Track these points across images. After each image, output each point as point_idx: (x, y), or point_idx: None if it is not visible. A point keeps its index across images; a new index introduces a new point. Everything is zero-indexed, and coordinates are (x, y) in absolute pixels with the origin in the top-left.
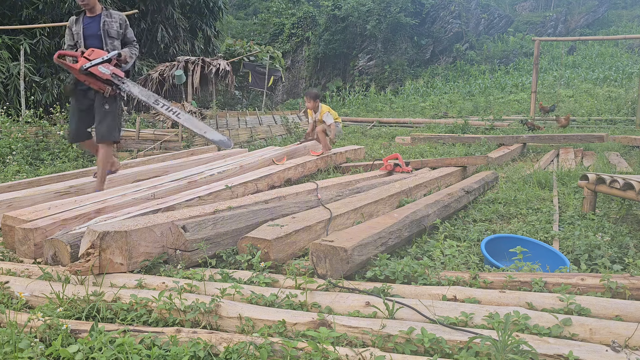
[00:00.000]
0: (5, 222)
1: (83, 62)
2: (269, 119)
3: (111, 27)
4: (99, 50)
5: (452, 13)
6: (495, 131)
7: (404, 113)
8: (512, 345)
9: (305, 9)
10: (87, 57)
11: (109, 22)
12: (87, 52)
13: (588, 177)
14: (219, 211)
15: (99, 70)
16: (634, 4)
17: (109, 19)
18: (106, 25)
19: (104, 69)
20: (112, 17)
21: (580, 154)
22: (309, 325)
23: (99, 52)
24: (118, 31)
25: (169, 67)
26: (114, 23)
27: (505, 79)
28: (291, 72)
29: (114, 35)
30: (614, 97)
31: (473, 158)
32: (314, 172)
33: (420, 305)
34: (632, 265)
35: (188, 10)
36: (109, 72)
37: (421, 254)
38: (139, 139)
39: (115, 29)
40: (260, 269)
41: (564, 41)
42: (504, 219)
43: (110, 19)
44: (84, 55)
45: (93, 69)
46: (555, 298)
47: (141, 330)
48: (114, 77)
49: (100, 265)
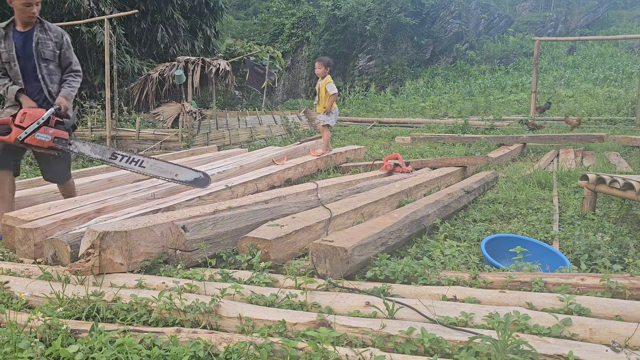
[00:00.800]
0: (5, 222)
1: (17, 132)
2: (269, 119)
3: (45, 47)
4: (32, 111)
5: (452, 13)
6: (495, 131)
7: (404, 113)
8: (512, 345)
9: (305, 9)
10: (20, 125)
11: (43, 39)
12: (18, 117)
13: (588, 177)
14: (219, 211)
15: (38, 139)
16: (634, 4)
17: (43, 35)
18: (40, 44)
19: (42, 136)
20: (47, 34)
21: (580, 154)
22: (309, 325)
23: (32, 112)
24: (54, 52)
25: (169, 67)
26: (49, 42)
27: (505, 79)
28: (291, 72)
29: (49, 57)
30: (614, 97)
31: (473, 158)
32: (314, 172)
33: (420, 305)
34: (632, 265)
35: (188, 10)
36: (50, 137)
37: (421, 254)
38: (139, 139)
39: (50, 48)
40: (260, 269)
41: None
42: (504, 219)
43: (44, 36)
44: (15, 122)
45: (30, 140)
46: (555, 298)
47: (141, 330)
48: (57, 141)
49: (100, 265)
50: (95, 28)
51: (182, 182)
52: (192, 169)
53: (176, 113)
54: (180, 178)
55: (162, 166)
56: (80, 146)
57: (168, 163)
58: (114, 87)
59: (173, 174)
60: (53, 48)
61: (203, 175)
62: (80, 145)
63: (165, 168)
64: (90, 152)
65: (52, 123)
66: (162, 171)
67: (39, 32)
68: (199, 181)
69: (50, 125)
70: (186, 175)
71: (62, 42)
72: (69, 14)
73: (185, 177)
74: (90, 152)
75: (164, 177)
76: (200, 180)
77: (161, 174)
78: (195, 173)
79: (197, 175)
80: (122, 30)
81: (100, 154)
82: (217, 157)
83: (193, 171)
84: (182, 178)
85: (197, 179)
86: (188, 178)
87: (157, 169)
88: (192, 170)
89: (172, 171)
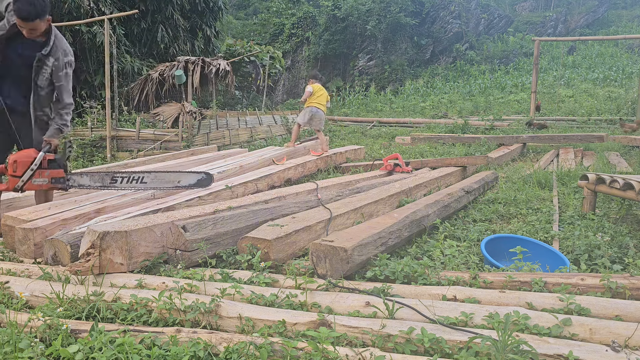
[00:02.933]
0: (5, 222)
1: (13, 182)
2: (269, 119)
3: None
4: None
5: (452, 13)
6: (495, 131)
7: (404, 113)
8: (512, 345)
9: (305, 9)
10: (14, 174)
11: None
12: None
13: (588, 177)
14: (219, 211)
15: (36, 184)
16: (634, 4)
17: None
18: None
19: (39, 180)
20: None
21: (580, 154)
22: (309, 325)
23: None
24: (49, 79)
25: (169, 67)
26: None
27: (505, 79)
28: (291, 72)
29: (42, 85)
30: (614, 97)
31: (473, 158)
32: (314, 172)
33: (420, 305)
34: (632, 265)
35: (188, 10)
36: (47, 180)
37: (421, 254)
38: (139, 139)
39: (46, 76)
40: (260, 269)
41: (564, 41)
42: (504, 219)
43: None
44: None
45: (28, 187)
46: (555, 298)
47: (141, 330)
48: (55, 181)
49: (100, 265)
50: (95, 28)
51: (186, 187)
52: (193, 171)
53: (176, 113)
54: (184, 184)
55: (163, 177)
56: (78, 179)
57: (169, 172)
58: (114, 87)
59: (175, 181)
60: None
61: (205, 175)
62: (79, 179)
63: (167, 178)
64: (89, 183)
65: (44, 164)
66: (164, 182)
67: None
68: (202, 182)
69: (44, 167)
70: (189, 179)
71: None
72: (69, 14)
73: (189, 181)
74: (89, 182)
75: (167, 187)
76: (203, 181)
77: (164, 184)
78: (197, 175)
79: (200, 177)
80: (122, 30)
81: (100, 182)
82: (217, 157)
83: (194, 174)
84: (185, 183)
85: (199, 180)
86: (191, 181)
87: (159, 180)
88: (194, 173)
89: (174, 179)
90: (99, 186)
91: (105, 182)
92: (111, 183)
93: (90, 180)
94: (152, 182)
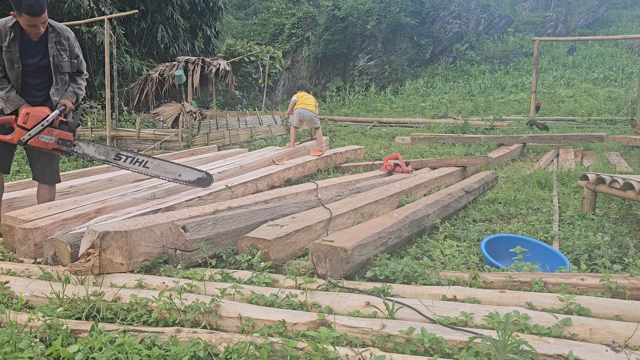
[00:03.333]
0: (5, 222)
1: (20, 134)
2: (269, 119)
3: (62, 59)
4: (35, 110)
5: (452, 13)
6: (495, 131)
7: (404, 113)
8: (512, 345)
9: (305, 9)
10: (23, 126)
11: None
12: (20, 117)
13: (588, 177)
14: (219, 211)
15: (42, 141)
16: (634, 4)
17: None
18: (56, 57)
19: (47, 138)
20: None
21: (580, 154)
22: (309, 325)
23: (35, 112)
24: (71, 62)
25: (169, 67)
26: (64, 52)
27: (505, 79)
28: (291, 72)
29: (67, 69)
30: (614, 97)
31: (473, 158)
32: (314, 172)
33: (420, 305)
34: (632, 265)
35: (188, 10)
36: (54, 139)
37: (421, 254)
38: (139, 139)
39: (66, 60)
40: (260, 269)
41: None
42: (504, 219)
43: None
44: (18, 122)
45: (33, 142)
46: (555, 298)
47: (141, 330)
48: (62, 143)
49: (100, 265)
50: (95, 28)
51: (186, 182)
52: (195, 168)
53: (176, 113)
54: (184, 178)
55: (165, 166)
56: (84, 147)
57: (171, 163)
58: (114, 87)
59: (176, 174)
60: (67, 58)
61: (206, 175)
62: (85, 146)
63: (169, 168)
64: (94, 153)
65: (56, 124)
66: (165, 171)
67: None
68: (202, 181)
69: (55, 126)
70: (189, 175)
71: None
72: (69, 14)
73: (189, 177)
74: (94, 153)
75: (168, 178)
76: (203, 180)
77: (165, 174)
78: (198, 173)
79: (200, 175)
80: (122, 30)
81: (104, 155)
82: (217, 157)
83: (196, 171)
84: (185, 178)
85: (200, 179)
86: (191, 178)
87: (161, 169)
88: (195, 170)
89: (175, 171)
90: (102, 159)
91: (109, 157)
92: (115, 159)
93: (95, 152)
94: (154, 169)
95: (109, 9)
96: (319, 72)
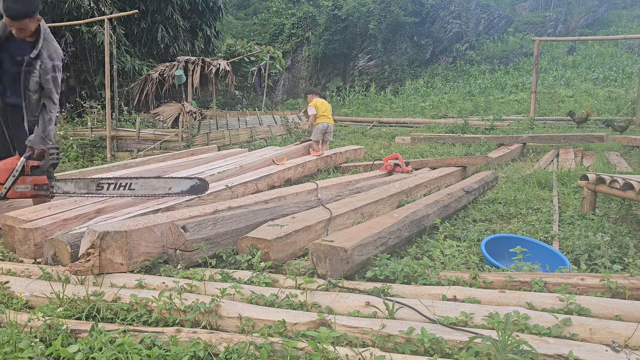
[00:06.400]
0: (5, 222)
1: None
2: (269, 119)
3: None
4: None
5: (452, 13)
6: (495, 131)
7: (404, 113)
8: (512, 345)
9: (305, 9)
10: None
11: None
12: None
13: (588, 177)
14: (219, 211)
15: (18, 191)
16: (634, 4)
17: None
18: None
19: (22, 187)
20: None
21: (580, 154)
22: (309, 325)
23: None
24: (38, 83)
25: (169, 67)
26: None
27: (505, 79)
28: (291, 72)
29: (33, 89)
30: (614, 97)
31: (473, 158)
32: (314, 172)
33: (420, 305)
34: (632, 265)
35: (188, 10)
36: (29, 187)
37: (421, 254)
38: (139, 139)
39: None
40: (260, 269)
41: (564, 41)
42: (504, 219)
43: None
44: None
45: (11, 194)
46: (555, 298)
47: (141, 330)
48: (38, 188)
49: (100, 265)
50: (96, 28)
51: (179, 194)
52: (186, 177)
53: (176, 113)
54: (175, 190)
55: (153, 183)
56: (63, 186)
57: (158, 179)
58: (114, 87)
59: (166, 188)
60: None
61: (199, 181)
62: (63, 186)
63: (157, 184)
64: (75, 189)
65: (27, 171)
66: (154, 189)
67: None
68: (196, 188)
69: (27, 173)
70: (181, 186)
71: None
72: (69, 14)
73: (181, 188)
74: (74, 189)
75: (158, 194)
76: (197, 187)
77: (154, 191)
78: (190, 181)
79: (193, 183)
80: (122, 30)
81: (85, 189)
82: (217, 157)
83: (187, 179)
84: (177, 190)
85: (193, 187)
86: (183, 188)
87: (149, 187)
88: (186, 179)
89: (165, 186)
90: (84, 193)
91: (90, 189)
92: (97, 189)
93: (75, 187)
94: (141, 188)
95: (109, 9)
96: (319, 72)
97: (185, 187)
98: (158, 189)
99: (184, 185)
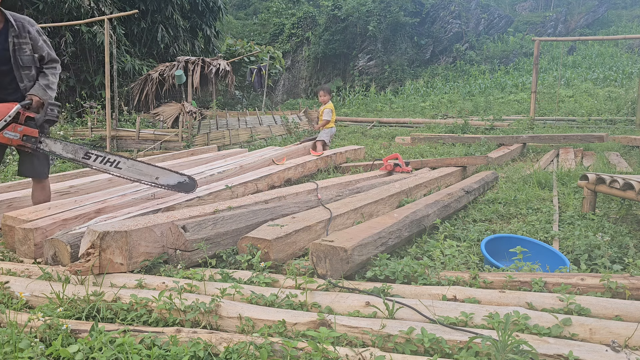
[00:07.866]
0: (5, 222)
1: None
2: (269, 119)
3: (23, 53)
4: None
5: (452, 13)
6: (495, 131)
7: (404, 113)
8: (512, 345)
9: (305, 9)
10: None
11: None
12: None
13: (588, 177)
14: (219, 211)
15: (6, 137)
16: (634, 4)
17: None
18: (17, 51)
19: (10, 134)
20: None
21: (580, 154)
22: (309, 325)
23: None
24: (32, 56)
25: (169, 67)
26: (25, 45)
27: (505, 79)
28: (291, 72)
29: (28, 64)
30: (614, 97)
31: (473, 158)
32: (314, 172)
33: (420, 305)
34: (632, 265)
35: (188, 10)
36: (18, 136)
37: (421, 254)
38: (139, 139)
39: (28, 54)
40: (260, 269)
41: (564, 41)
42: (504, 219)
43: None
44: None
45: None
46: (555, 298)
47: (141, 330)
48: (26, 139)
49: (100, 265)
50: (96, 28)
51: (164, 186)
52: (176, 172)
53: (176, 113)
54: (162, 182)
55: (141, 168)
56: (51, 144)
57: (148, 165)
58: (114, 87)
59: (153, 176)
60: (30, 52)
61: (188, 179)
62: (52, 144)
63: (145, 170)
64: (61, 151)
65: (21, 119)
66: (141, 173)
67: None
68: (183, 185)
69: (20, 122)
70: (168, 179)
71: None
72: (69, 14)
73: (167, 181)
74: (61, 150)
75: (143, 180)
76: (184, 185)
77: (140, 176)
78: (179, 177)
79: (181, 179)
80: (122, 30)
81: (72, 153)
82: (217, 157)
83: (177, 174)
84: (163, 182)
85: (181, 183)
86: (170, 182)
87: (136, 170)
88: (176, 174)
89: (152, 174)
90: (69, 158)
91: (77, 155)
92: (84, 158)
93: (62, 149)
94: (128, 170)
95: (109, 9)
96: (319, 72)
97: (173, 182)
98: (145, 176)
99: (172, 179)
